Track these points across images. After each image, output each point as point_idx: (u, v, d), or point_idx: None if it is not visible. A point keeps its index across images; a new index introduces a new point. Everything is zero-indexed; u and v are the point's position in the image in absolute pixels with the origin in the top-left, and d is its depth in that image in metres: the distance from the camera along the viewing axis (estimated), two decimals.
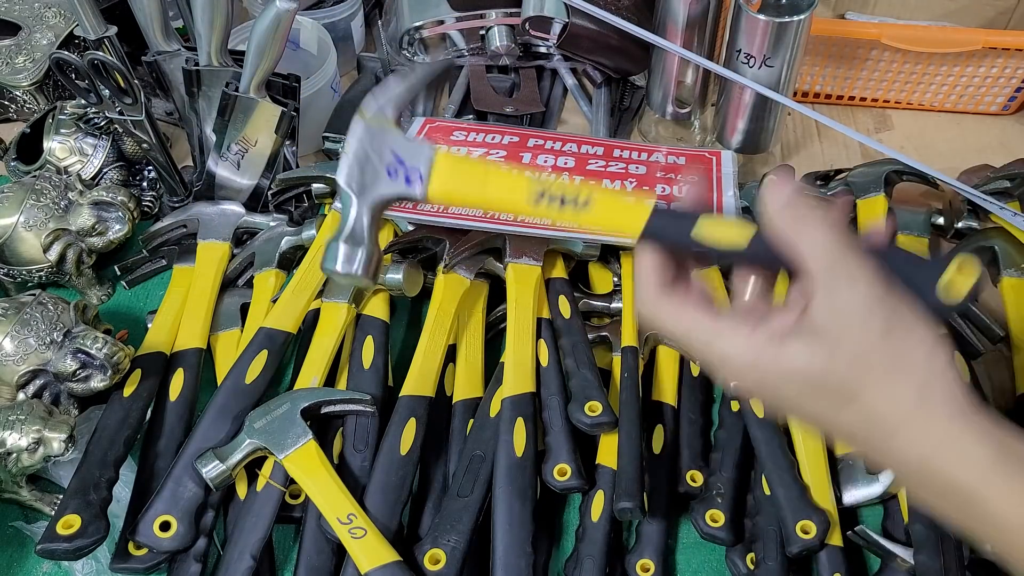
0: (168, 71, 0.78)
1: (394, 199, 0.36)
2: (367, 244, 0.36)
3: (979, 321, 0.64)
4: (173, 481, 0.55)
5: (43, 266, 0.69)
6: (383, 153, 0.35)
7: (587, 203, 0.35)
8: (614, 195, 0.35)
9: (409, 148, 0.36)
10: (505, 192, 0.35)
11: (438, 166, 0.35)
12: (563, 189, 0.35)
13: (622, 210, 0.35)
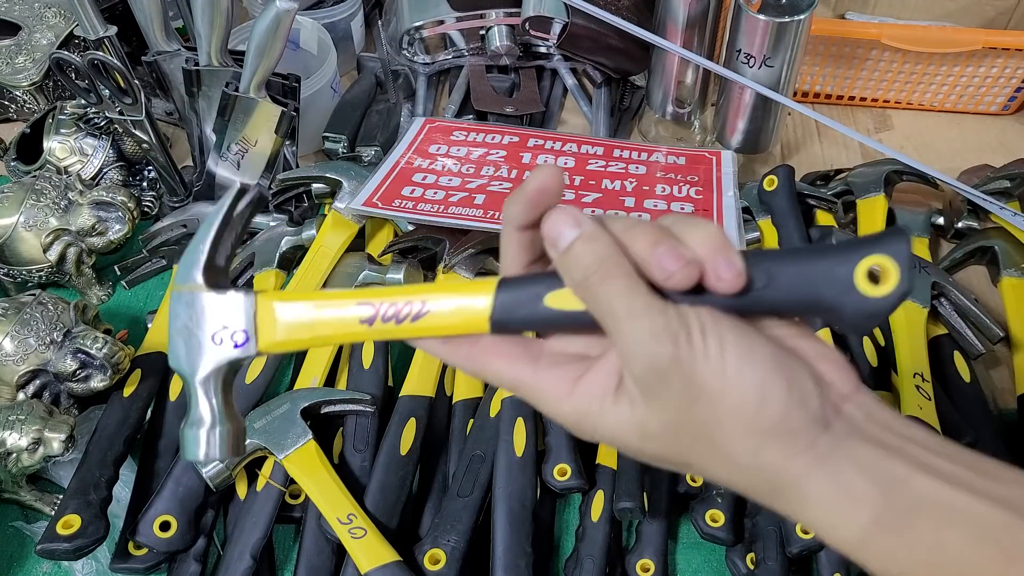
0: (168, 71, 0.78)
1: (228, 367, 0.33)
2: (219, 422, 0.33)
3: (979, 321, 0.64)
4: (173, 481, 0.55)
5: (43, 266, 0.69)
6: (203, 322, 0.33)
7: (423, 311, 0.32)
8: (451, 292, 0.33)
9: (227, 309, 0.33)
10: (337, 327, 0.33)
11: (262, 319, 0.33)
12: (393, 302, 0.32)
13: (463, 305, 0.32)
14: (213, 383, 0.33)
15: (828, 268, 0.29)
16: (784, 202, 0.69)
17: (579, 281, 0.31)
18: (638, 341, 0.29)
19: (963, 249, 0.70)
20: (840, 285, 0.29)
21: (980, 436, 0.58)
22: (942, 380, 0.62)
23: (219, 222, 0.34)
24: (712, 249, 0.30)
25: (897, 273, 0.28)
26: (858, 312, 0.29)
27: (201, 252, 0.33)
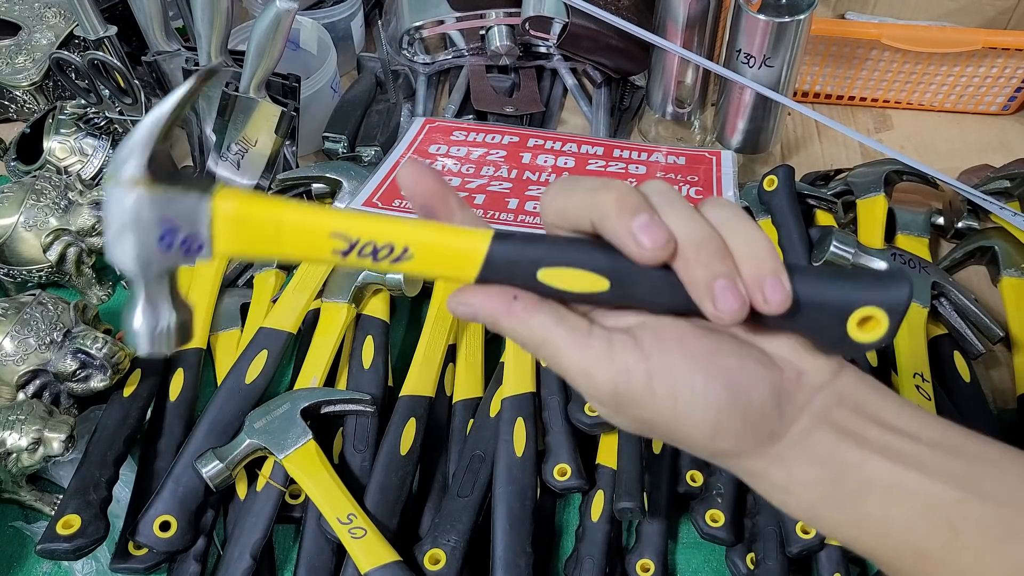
0: (168, 71, 0.78)
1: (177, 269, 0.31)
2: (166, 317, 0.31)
3: (979, 321, 0.64)
4: (173, 481, 0.55)
5: (43, 266, 0.69)
6: (149, 223, 0.29)
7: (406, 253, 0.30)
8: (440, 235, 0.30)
9: (180, 209, 0.29)
10: (304, 247, 0.30)
11: (219, 222, 0.29)
12: (374, 236, 0.29)
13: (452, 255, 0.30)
14: (160, 283, 0.31)
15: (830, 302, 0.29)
16: (784, 202, 0.69)
17: None
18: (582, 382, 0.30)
19: (963, 249, 0.70)
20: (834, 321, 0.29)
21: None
22: (942, 380, 0.62)
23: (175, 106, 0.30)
24: (766, 270, 0.28)
25: (886, 327, 0.29)
26: (836, 346, 0.30)
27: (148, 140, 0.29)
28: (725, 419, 0.29)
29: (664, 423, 0.30)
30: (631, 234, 0.28)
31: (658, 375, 0.29)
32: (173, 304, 0.31)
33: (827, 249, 0.65)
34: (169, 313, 0.31)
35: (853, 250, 0.65)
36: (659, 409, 0.29)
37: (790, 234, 0.68)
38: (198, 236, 0.30)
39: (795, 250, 0.67)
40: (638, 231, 0.28)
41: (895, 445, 0.29)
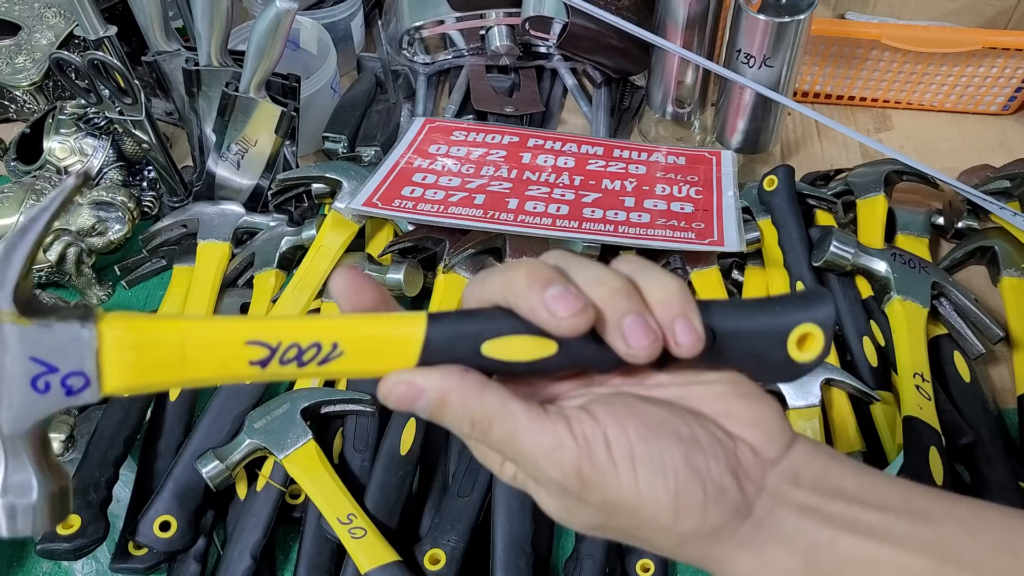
0: (168, 71, 0.78)
1: (52, 417, 0.27)
2: (35, 489, 0.25)
3: (979, 321, 0.64)
4: (173, 481, 0.55)
5: (43, 266, 0.69)
6: (19, 363, 0.24)
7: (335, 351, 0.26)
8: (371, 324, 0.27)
9: (57, 343, 0.24)
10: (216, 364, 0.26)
11: (108, 354, 0.25)
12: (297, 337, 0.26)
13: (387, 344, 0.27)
14: (28, 443, 0.25)
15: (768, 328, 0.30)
16: (784, 202, 0.69)
17: None
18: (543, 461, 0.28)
19: (963, 249, 0.70)
20: (775, 346, 0.30)
21: (979, 436, 0.58)
22: (942, 380, 0.62)
23: (41, 228, 0.25)
24: (675, 312, 0.29)
25: (823, 341, 0.30)
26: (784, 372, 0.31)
27: (14, 267, 0.25)
28: (685, 491, 0.28)
29: (627, 505, 0.28)
30: (545, 308, 0.28)
31: (616, 444, 0.28)
32: (44, 470, 0.26)
33: (827, 249, 0.65)
34: (40, 482, 0.26)
35: (853, 250, 0.65)
36: (622, 487, 0.28)
37: (790, 234, 0.68)
38: (82, 373, 0.25)
39: (795, 250, 0.67)
40: (552, 302, 0.27)
41: (863, 518, 0.28)
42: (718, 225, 0.66)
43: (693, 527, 0.28)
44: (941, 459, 0.54)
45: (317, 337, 0.26)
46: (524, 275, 0.28)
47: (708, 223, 0.67)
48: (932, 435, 0.55)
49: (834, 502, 0.29)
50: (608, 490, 0.28)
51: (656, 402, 0.30)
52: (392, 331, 0.27)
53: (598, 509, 0.29)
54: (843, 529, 0.28)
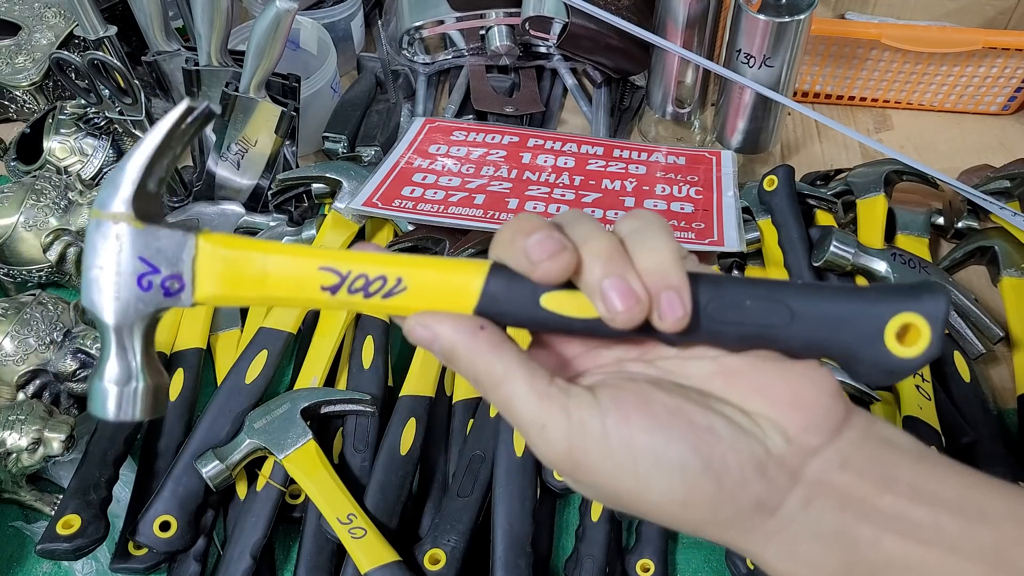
0: (168, 71, 0.78)
1: (154, 316, 0.28)
2: (136, 377, 0.28)
3: (979, 321, 0.64)
4: (173, 481, 0.55)
5: (43, 266, 0.69)
6: (129, 260, 0.27)
7: (399, 286, 0.28)
8: (436, 265, 0.28)
9: (162, 247, 0.27)
10: (292, 284, 0.28)
11: (202, 263, 0.28)
12: (365, 269, 0.28)
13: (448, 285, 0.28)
14: (134, 332, 0.28)
15: (859, 316, 0.27)
16: (784, 202, 0.69)
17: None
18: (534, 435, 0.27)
19: (963, 249, 0.70)
20: (867, 336, 0.27)
21: (980, 436, 0.58)
22: (942, 380, 0.62)
23: (161, 140, 0.28)
24: (664, 282, 0.27)
25: (929, 336, 0.26)
26: (878, 367, 0.27)
27: (132, 174, 0.27)
28: (695, 485, 0.26)
29: (627, 491, 0.26)
30: (525, 254, 0.27)
31: (614, 433, 0.26)
32: (147, 366, 0.29)
33: (827, 249, 0.65)
34: (142, 374, 0.29)
35: (853, 250, 0.65)
36: (619, 474, 0.26)
37: (790, 234, 0.68)
38: (180, 277, 0.28)
39: (795, 250, 0.67)
40: (532, 248, 0.27)
41: (912, 516, 0.26)
42: (718, 225, 0.66)
43: (704, 519, 0.26)
44: None
45: (384, 270, 0.28)
46: (510, 226, 0.28)
47: (708, 223, 0.67)
48: (932, 435, 0.55)
49: (882, 495, 0.26)
50: (602, 476, 0.27)
51: (673, 389, 0.28)
52: (454, 274, 0.28)
53: (596, 490, 0.28)
54: (888, 528, 0.26)
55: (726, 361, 0.28)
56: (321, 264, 0.28)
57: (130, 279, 0.28)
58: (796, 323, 0.27)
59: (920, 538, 0.25)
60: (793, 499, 0.26)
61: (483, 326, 0.28)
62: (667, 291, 0.27)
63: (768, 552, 0.27)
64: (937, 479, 0.26)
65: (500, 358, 0.28)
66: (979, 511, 0.26)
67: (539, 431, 0.27)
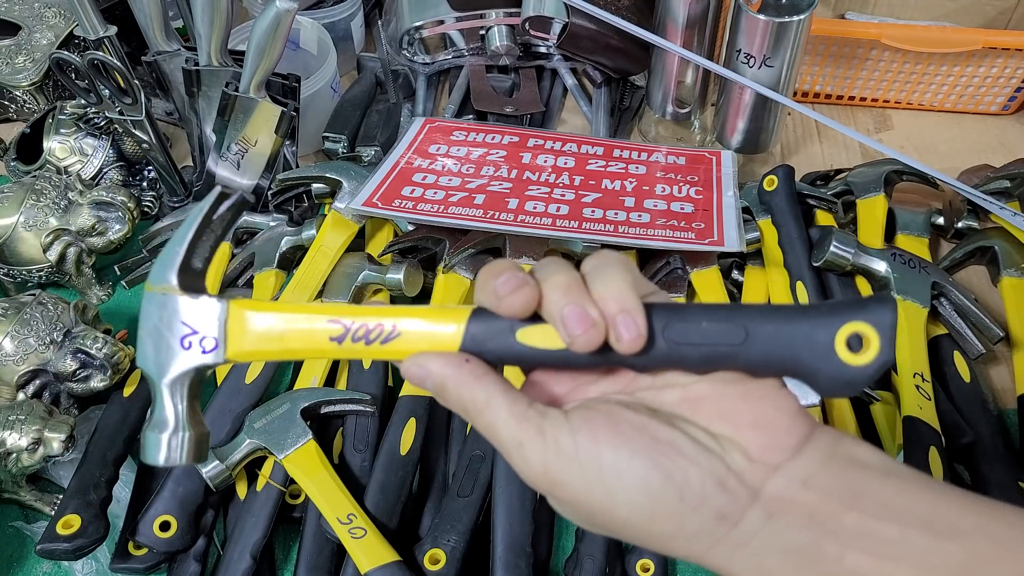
0: (168, 71, 0.78)
1: (196, 372, 0.33)
2: (184, 428, 0.33)
3: (979, 321, 0.64)
4: (173, 481, 0.55)
5: (43, 266, 0.69)
6: (174, 324, 0.32)
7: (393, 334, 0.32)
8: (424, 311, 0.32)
9: (199, 313, 0.32)
10: (306, 342, 0.33)
11: (232, 325, 0.33)
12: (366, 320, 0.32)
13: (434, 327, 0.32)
14: (179, 387, 0.33)
15: (809, 330, 0.28)
16: (784, 202, 0.69)
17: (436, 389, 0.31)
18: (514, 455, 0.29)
19: (963, 249, 0.70)
20: (819, 349, 0.28)
21: (979, 436, 0.58)
22: (942, 380, 0.62)
23: (197, 224, 0.33)
24: (618, 306, 0.29)
25: (878, 343, 0.28)
26: (835, 379, 0.28)
27: (177, 254, 0.33)
28: (658, 498, 0.27)
29: (599, 507, 0.28)
30: (493, 292, 0.30)
31: (584, 450, 0.28)
32: (191, 418, 0.33)
33: (827, 249, 0.65)
34: (187, 426, 0.33)
35: (853, 250, 0.65)
36: (590, 489, 0.28)
37: (790, 234, 0.68)
38: (215, 338, 0.33)
39: (795, 250, 0.67)
40: (498, 287, 0.30)
41: (879, 532, 0.26)
42: (718, 225, 0.66)
43: (671, 531, 0.28)
44: (941, 459, 0.54)
45: (381, 320, 0.32)
46: (484, 271, 0.31)
47: (708, 223, 0.67)
48: (932, 435, 0.55)
49: (847, 513, 0.26)
50: (577, 492, 0.29)
51: (641, 409, 0.30)
52: (440, 318, 0.32)
53: (573, 508, 0.30)
54: (853, 545, 0.26)
55: (692, 388, 0.30)
56: (329, 317, 0.32)
57: (175, 341, 0.32)
58: (752, 341, 0.29)
59: (888, 555, 0.26)
60: (754, 513, 0.27)
61: (468, 359, 0.31)
62: (622, 314, 0.29)
63: (736, 565, 0.28)
64: (907, 495, 0.27)
65: (484, 387, 0.30)
66: (950, 527, 0.26)
67: (517, 449, 0.29)
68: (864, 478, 0.27)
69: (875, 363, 0.28)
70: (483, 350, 0.31)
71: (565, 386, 0.33)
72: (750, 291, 0.68)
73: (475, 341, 0.31)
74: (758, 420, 0.29)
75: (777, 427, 0.29)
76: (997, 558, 0.25)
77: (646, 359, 0.30)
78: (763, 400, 0.29)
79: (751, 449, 0.28)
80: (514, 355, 0.31)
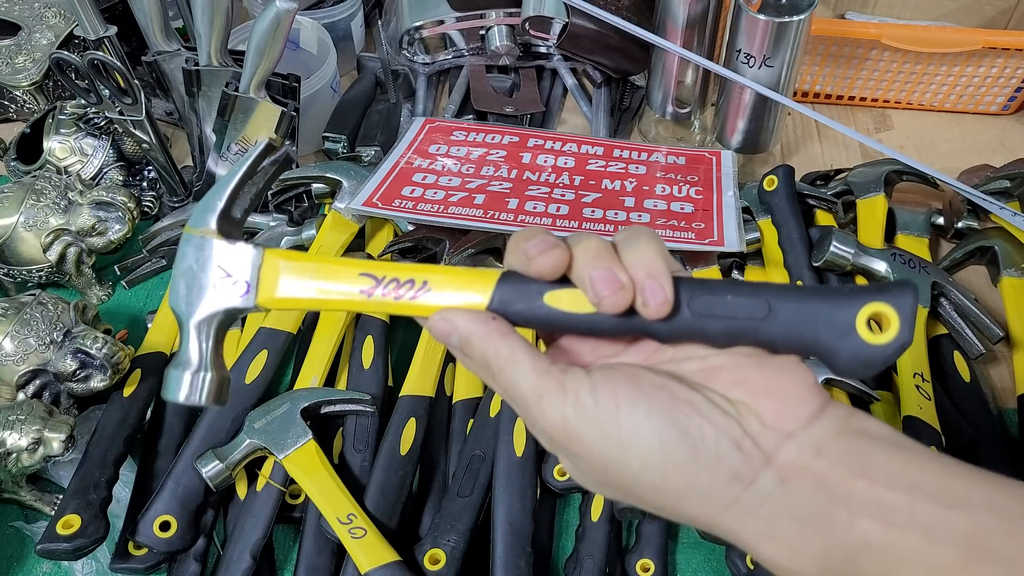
0: (168, 71, 0.78)
1: (225, 315, 0.33)
2: (207, 368, 0.33)
3: (979, 321, 0.64)
4: (173, 481, 0.55)
5: (43, 266, 0.69)
6: (208, 266, 0.33)
7: (423, 290, 0.32)
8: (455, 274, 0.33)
9: (234, 257, 0.33)
10: (336, 293, 0.33)
11: (265, 272, 0.33)
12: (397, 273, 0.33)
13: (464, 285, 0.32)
14: (207, 328, 0.33)
15: (831, 309, 0.29)
16: (784, 202, 0.69)
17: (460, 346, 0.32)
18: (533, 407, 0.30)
19: (963, 249, 0.70)
20: (840, 328, 0.29)
21: (979, 436, 0.58)
22: (942, 380, 0.62)
23: (242, 173, 0.34)
24: (646, 272, 0.30)
25: (898, 323, 0.28)
26: (855, 358, 0.29)
27: (219, 199, 0.34)
28: (672, 452, 0.28)
29: (613, 460, 0.29)
30: (524, 253, 0.31)
31: (603, 403, 0.29)
32: (215, 360, 0.34)
33: (827, 249, 0.65)
34: (211, 366, 0.33)
35: (853, 250, 0.65)
36: (605, 442, 0.29)
37: (790, 234, 0.68)
38: (247, 283, 0.33)
39: (795, 250, 0.67)
40: (529, 248, 0.31)
41: (887, 500, 0.26)
42: (718, 225, 0.66)
43: (683, 488, 0.28)
44: None
45: (412, 275, 0.33)
46: (516, 236, 0.32)
47: (708, 223, 0.67)
48: (932, 435, 0.55)
49: (857, 480, 0.27)
50: (592, 446, 0.29)
51: (662, 371, 0.30)
52: (471, 277, 0.33)
53: (588, 463, 0.30)
54: (862, 512, 0.26)
55: (711, 359, 0.31)
56: (361, 271, 0.33)
57: (208, 282, 0.33)
58: (775, 317, 0.30)
59: (895, 522, 0.26)
60: (767, 476, 0.28)
61: (494, 318, 0.32)
62: (650, 279, 0.30)
63: (747, 529, 0.28)
64: (915, 467, 0.27)
65: (508, 343, 0.31)
66: (957, 499, 0.26)
67: (537, 401, 0.30)
68: (875, 449, 0.28)
69: (894, 343, 0.28)
70: (509, 311, 0.32)
71: (587, 357, 0.34)
72: None
73: (503, 302, 0.32)
74: (774, 389, 0.29)
75: (792, 397, 0.29)
76: (1002, 529, 0.26)
77: (670, 327, 0.31)
78: (780, 372, 0.30)
79: (765, 415, 0.29)
80: (540, 318, 0.32)
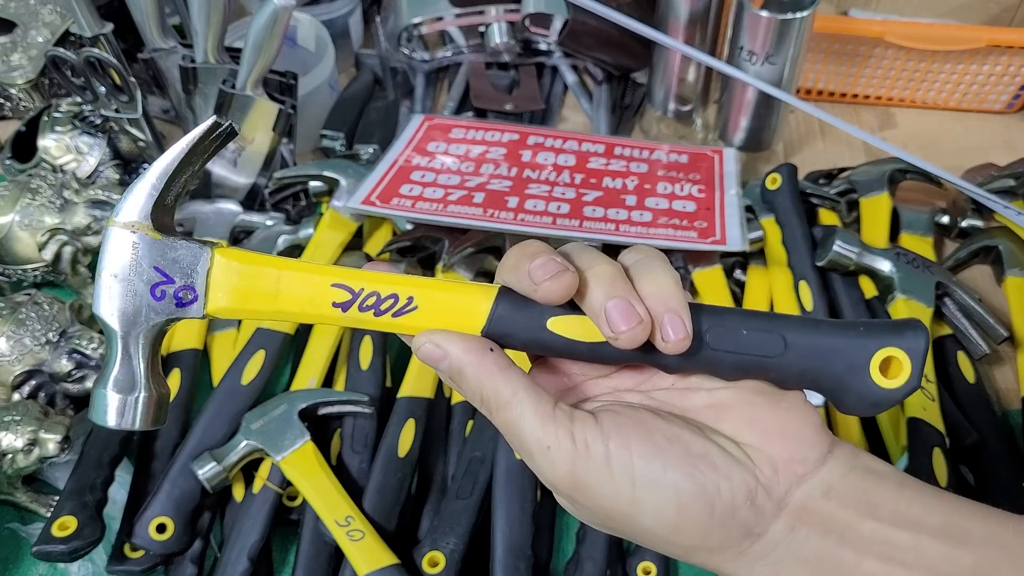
0: (164, 68, 0.77)
1: (165, 324, 0.28)
2: (142, 387, 0.28)
3: (983, 321, 0.63)
4: (169, 483, 0.55)
5: (38, 265, 0.69)
6: (144, 270, 0.28)
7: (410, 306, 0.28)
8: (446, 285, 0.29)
9: (178, 258, 0.28)
10: (303, 303, 0.28)
11: (216, 276, 0.28)
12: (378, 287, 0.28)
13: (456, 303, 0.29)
14: (142, 342, 0.29)
15: (846, 348, 0.28)
16: (787, 201, 0.69)
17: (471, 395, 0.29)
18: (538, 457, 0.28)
19: (967, 248, 0.69)
20: (853, 368, 0.28)
21: (984, 437, 0.57)
22: (946, 381, 0.62)
23: (183, 154, 0.28)
24: (665, 306, 0.28)
25: (910, 369, 0.28)
26: (863, 398, 0.29)
27: (154, 186, 0.28)
28: (687, 510, 0.27)
29: (622, 514, 0.28)
30: (528, 276, 0.28)
31: (616, 457, 0.27)
32: (152, 377, 0.29)
33: (830, 248, 0.64)
34: (145, 384, 0.29)
35: (857, 249, 0.64)
36: (616, 496, 0.27)
37: (793, 233, 0.67)
38: (193, 288, 0.28)
39: (798, 249, 0.67)
40: (535, 271, 0.28)
41: (893, 540, 0.27)
42: (720, 224, 0.66)
43: (694, 542, 0.28)
44: (945, 460, 0.53)
45: (396, 289, 0.29)
46: (515, 250, 0.29)
47: (710, 222, 0.66)
48: (936, 436, 0.55)
49: (864, 521, 0.27)
50: (603, 498, 0.28)
51: (671, 417, 0.29)
52: (464, 295, 0.29)
53: (593, 511, 0.29)
54: (870, 552, 0.27)
55: (719, 394, 0.30)
56: (334, 281, 0.29)
57: (144, 288, 0.28)
58: (789, 353, 0.29)
59: (902, 561, 0.26)
60: (779, 525, 0.28)
61: (492, 348, 0.29)
62: (669, 314, 0.28)
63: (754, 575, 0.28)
64: (920, 505, 0.28)
65: (508, 381, 0.28)
66: (961, 535, 0.27)
67: (544, 453, 0.28)
68: (881, 489, 0.28)
69: (904, 388, 0.28)
70: (507, 334, 0.29)
71: (575, 378, 0.32)
72: (753, 291, 0.67)
73: (500, 324, 0.29)
74: (785, 431, 0.29)
75: (803, 439, 0.29)
76: (1005, 564, 0.26)
77: (681, 361, 0.29)
78: (790, 412, 0.29)
79: (778, 460, 0.28)
80: (542, 343, 0.29)
